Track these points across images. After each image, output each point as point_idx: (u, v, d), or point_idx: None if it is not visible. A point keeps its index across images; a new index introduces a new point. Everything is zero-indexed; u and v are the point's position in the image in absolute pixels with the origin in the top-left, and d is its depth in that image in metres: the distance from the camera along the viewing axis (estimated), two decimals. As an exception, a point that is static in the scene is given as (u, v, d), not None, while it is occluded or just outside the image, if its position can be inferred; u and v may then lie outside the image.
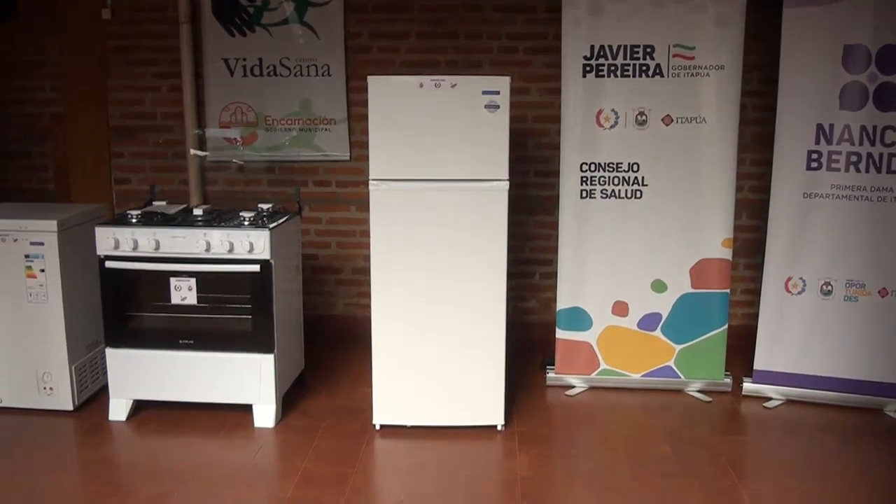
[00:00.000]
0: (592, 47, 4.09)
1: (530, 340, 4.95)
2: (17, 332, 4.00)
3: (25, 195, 5.26)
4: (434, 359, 3.76)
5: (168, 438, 3.83)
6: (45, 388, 4.04)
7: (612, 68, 4.10)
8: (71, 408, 4.05)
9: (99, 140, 5.23)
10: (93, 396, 4.19)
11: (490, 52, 4.85)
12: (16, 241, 3.92)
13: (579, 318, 4.32)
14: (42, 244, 3.90)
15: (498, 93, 3.54)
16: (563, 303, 4.31)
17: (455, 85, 3.54)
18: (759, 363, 4.21)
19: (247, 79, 4.99)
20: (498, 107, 3.54)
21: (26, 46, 5.22)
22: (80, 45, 5.15)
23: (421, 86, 3.55)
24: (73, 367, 4.03)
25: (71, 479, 3.50)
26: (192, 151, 4.88)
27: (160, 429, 3.91)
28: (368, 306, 3.75)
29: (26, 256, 3.92)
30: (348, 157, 5.03)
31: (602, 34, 4.08)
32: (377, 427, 3.84)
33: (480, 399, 3.80)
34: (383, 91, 3.58)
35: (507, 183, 3.62)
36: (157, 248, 3.83)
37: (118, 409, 3.99)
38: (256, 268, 3.80)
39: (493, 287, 3.69)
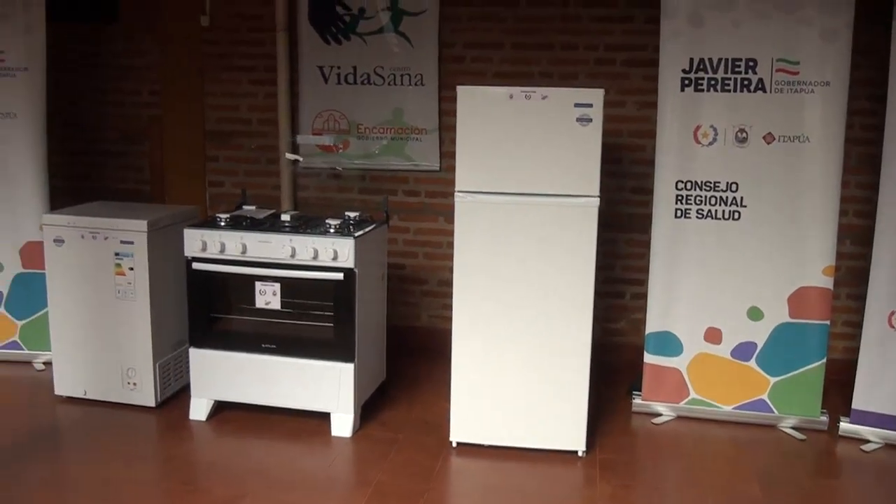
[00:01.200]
0: (692, 60, 3.95)
1: (617, 363, 4.81)
2: (104, 328, 4.13)
3: (121, 195, 5.43)
4: (515, 377, 3.69)
5: (245, 441, 3.87)
6: (129, 383, 4.15)
7: (712, 82, 3.95)
8: (153, 404, 4.15)
9: (194, 143, 5.37)
10: (175, 394, 4.29)
11: (586, 63, 4.76)
12: (106, 238, 4.04)
13: (669, 343, 4.17)
14: (132, 243, 4.02)
15: (591, 105, 3.45)
16: (652, 326, 4.17)
17: (546, 97, 3.48)
18: (858, 402, 3.96)
19: (340, 86, 5.04)
20: (590, 120, 3.46)
21: (126, 50, 5.41)
22: (179, 51, 5.30)
23: (511, 97, 3.49)
24: (157, 365, 4.13)
25: (147, 475, 3.58)
26: (287, 155, 4.94)
27: (238, 430, 3.96)
28: (452, 319, 3.71)
29: (116, 254, 4.04)
30: (438, 168, 5.02)
31: (702, 46, 3.94)
32: (454, 444, 3.79)
33: (562, 422, 3.70)
34: (472, 101, 3.54)
35: (598, 199, 3.52)
36: (244, 251, 3.89)
37: (199, 409, 4.06)
38: (340, 276, 3.81)
39: (579, 306, 3.60)
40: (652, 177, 4.12)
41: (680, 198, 4.04)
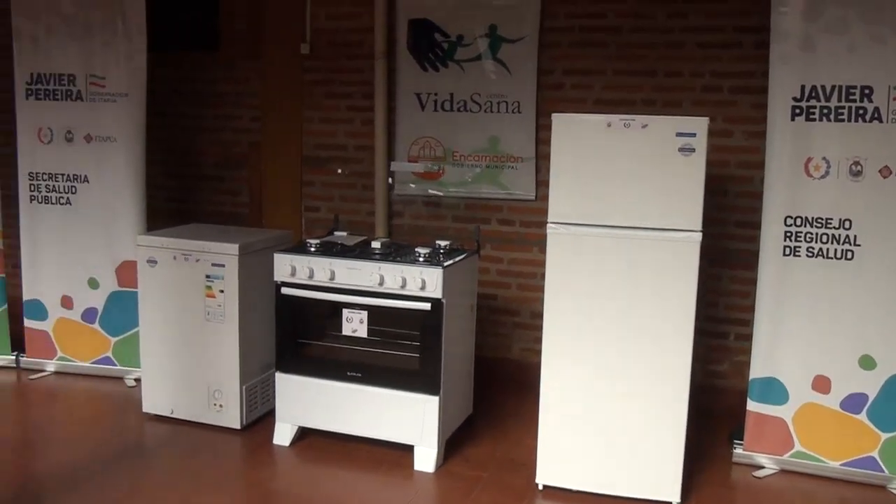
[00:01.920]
0: (803, 87, 3.70)
1: (718, 408, 4.52)
2: (193, 348, 4.17)
3: (221, 218, 5.53)
4: (607, 419, 3.50)
5: (327, 469, 3.83)
6: (215, 404, 4.17)
7: (825, 111, 3.69)
8: (238, 426, 4.15)
9: (292, 168, 5.42)
10: (260, 418, 4.28)
11: (692, 90, 4.56)
12: (198, 261, 4.09)
13: (774, 390, 3.89)
14: (223, 266, 4.05)
15: (694, 135, 3.27)
16: (757, 371, 3.90)
17: (646, 125, 3.32)
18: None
19: (437, 113, 5.00)
20: (693, 150, 3.27)
21: (227, 78, 5.55)
22: (279, 78, 5.38)
23: (609, 125, 3.35)
24: (243, 388, 4.14)
25: (226, 497, 3.56)
26: (390, 179, 4.91)
27: (320, 458, 3.92)
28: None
29: (207, 276, 4.08)
30: (534, 197, 4.90)
31: (814, 72, 3.69)
32: (540, 487, 3.63)
33: (656, 469, 3.49)
34: (568, 129, 3.42)
35: (700, 234, 3.33)
36: (332, 278, 3.86)
37: (283, 434, 4.04)
38: (427, 306, 3.73)
39: (677, 345, 3.40)
40: (759, 211, 3.88)
41: (789, 234, 3.78)
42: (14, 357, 5.06)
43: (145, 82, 4.79)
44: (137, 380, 4.63)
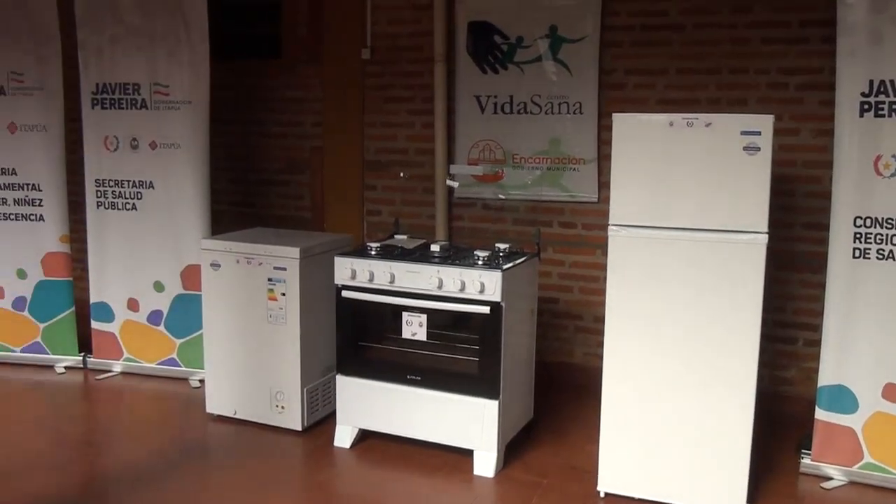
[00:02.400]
0: (871, 82, 3.56)
1: (785, 415, 4.41)
2: (255, 350, 4.23)
3: (283, 222, 5.62)
4: (670, 426, 3.44)
5: (387, 472, 3.84)
6: (277, 405, 4.22)
7: (894, 106, 3.54)
8: (300, 428, 4.20)
9: (353, 172, 5.46)
10: (321, 420, 4.32)
11: (757, 88, 4.45)
12: (261, 264, 4.15)
13: (844, 399, 3.75)
14: (285, 269, 4.10)
15: (759, 133, 3.18)
16: (825, 378, 3.77)
17: (710, 124, 3.24)
18: None
19: (497, 116, 4.99)
20: (758, 149, 3.19)
21: (289, 84, 5.63)
22: (340, 83, 5.43)
23: (671, 124, 3.29)
24: (304, 390, 4.19)
25: (288, 499, 3.61)
26: (448, 182, 4.91)
27: (380, 461, 3.93)
28: (603, 359, 3.53)
29: (269, 280, 4.14)
30: (596, 199, 4.84)
31: (882, 66, 3.54)
32: (602, 494, 3.58)
33: (720, 478, 3.40)
34: (629, 129, 3.37)
35: (766, 236, 3.24)
36: (392, 281, 3.87)
37: (343, 436, 4.07)
38: (486, 309, 3.72)
39: (743, 351, 3.31)
40: (828, 212, 3.76)
41: (858, 236, 3.65)
42: (81, 358, 5.22)
43: (208, 90, 4.89)
44: (201, 381, 4.72)
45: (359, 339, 4.04)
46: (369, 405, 4.00)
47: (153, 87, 4.92)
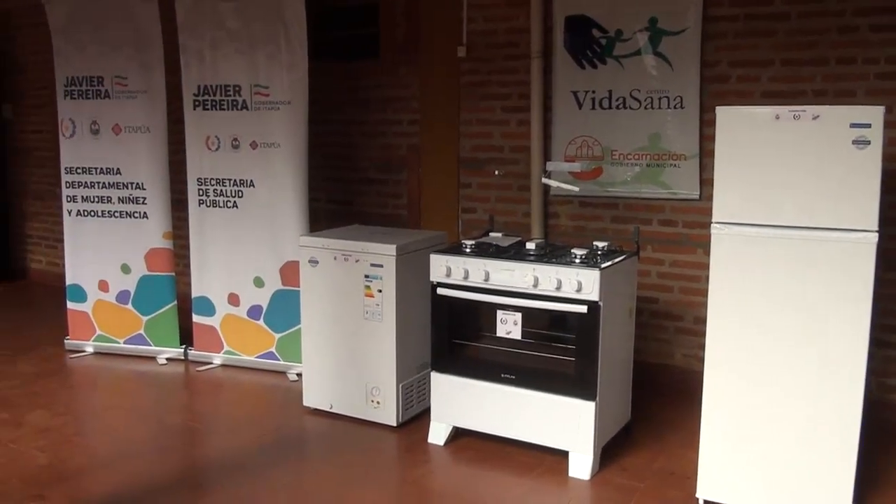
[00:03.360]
0: None
1: (893, 425, 4.22)
2: (352, 346, 4.30)
3: (381, 220, 5.69)
4: (773, 433, 3.31)
5: (481, 470, 3.84)
6: (373, 401, 4.28)
7: None
8: (394, 424, 4.25)
9: (449, 171, 5.49)
10: (416, 416, 4.36)
11: (866, 78, 4.25)
12: (357, 261, 4.21)
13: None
14: (381, 266, 4.15)
15: (869, 126, 3.03)
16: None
17: (817, 116, 3.11)
18: None
19: (595, 112, 4.92)
20: (868, 142, 3.04)
21: (387, 84, 5.69)
22: (437, 82, 5.47)
23: (777, 117, 3.17)
24: (400, 386, 4.23)
25: (382, 493, 3.64)
26: (543, 179, 4.88)
27: (474, 459, 3.93)
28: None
29: (366, 276, 4.20)
30: (697, 196, 4.73)
31: None
32: (700, 502, 3.47)
33: (825, 488, 3.25)
34: (733, 123, 3.26)
35: (876, 234, 3.08)
36: (487, 279, 3.87)
37: (438, 433, 4.09)
38: (583, 308, 3.67)
39: (851, 356, 3.16)
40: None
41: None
42: (183, 350, 5.43)
43: (307, 90, 4.99)
44: (299, 375, 4.82)
45: (453, 336, 4.05)
46: (463, 403, 4.00)
47: (253, 89, 5.06)
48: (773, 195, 3.21)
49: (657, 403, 4.61)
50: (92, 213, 5.47)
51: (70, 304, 5.61)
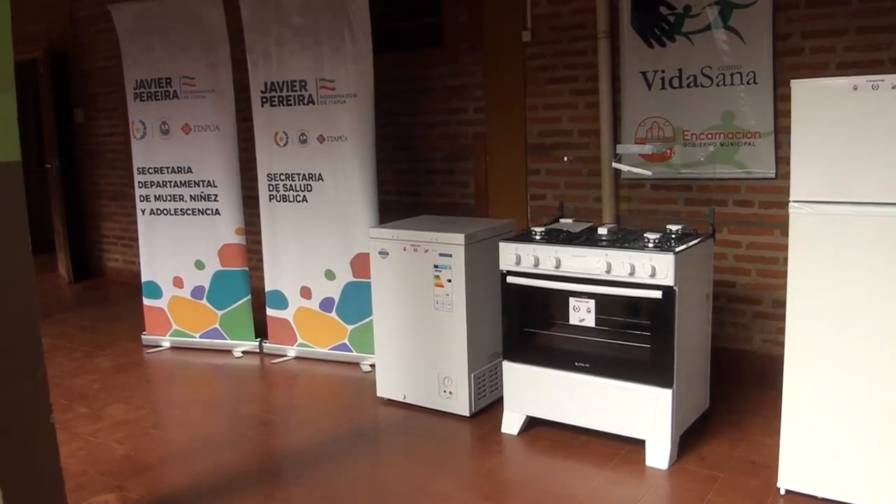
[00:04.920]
0: None
1: None
2: (424, 336, 4.31)
3: (449, 209, 5.69)
4: (859, 420, 3.19)
5: (555, 460, 3.81)
6: (445, 391, 4.29)
7: None
8: (467, 414, 4.25)
9: (517, 157, 5.45)
10: (489, 406, 4.36)
11: (947, 44, 4.08)
12: (426, 251, 4.22)
13: None
14: (450, 255, 4.15)
15: (956, 93, 2.90)
16: None
17: (900, 86, 2.99)
18: None
19: (665, 91, 4.82)
20: (958, 112, 2.91)
21: (451, 72, 5.68)
22: (502, 68, 5.42)
23: (855, 88, 3.04)
24: (472, 376, 4.23)
25: (452, 483, 3.64)
26: (614, 164, 4.81)
27: (548, 449, 3.91)
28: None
29: (435, 266, 4.20)
30: (774, 175, 4.60)
31: None
32: (782, 491, 3.38)
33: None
34: (809, 96, 3.14)
35: (971, 208, 2.95)
36: (558, 266, 3.83)
37: (511, 423, 4.08)
38: (658, 294, 3.60)
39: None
40: None
41: None
42: (258, 343, 5.53)
43: (372, 83, 5.01)
44: (372, 366, 4.87)
45: (525, 325, 4.03)
46: (536, 392, 3.98)
47: (319, 83, 5.10)
48: (854, 170, 3.09)
49: (736, 390, 4.51)
50: (165, 212, 5.61)
51: (146, 301, 5.77)
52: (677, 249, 3.62)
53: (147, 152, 5.63)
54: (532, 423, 4.09)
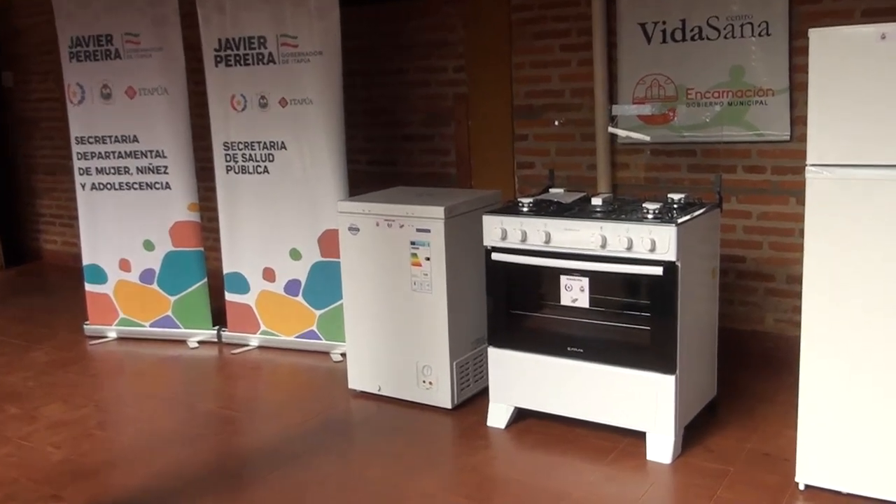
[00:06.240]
0: None
1: None
2: (400, 321, 4.30)
3: (427, 180, 5.67)
4: (884, 407, 3.19)
5: (547, 456, 3.82)
6: (424, 381, 4.29)
7: None
8: (449, 406, 4.26)
9: (502, 121, 5.43)
10: (473, 397, 4.37)
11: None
12: (402, 226, 4.19)
13: None
14: (428, 231, 4.13)
15: None
16: None
17: (930, 34, 2.97)
18: None
19: (666, 45, 4.82)
20: None
21: (429, 26, 5.64)
22: (485, 21, 5.39)
23: (883, 37, 3.01)
24: (454, 364, 4.23)
25: (433, 483, 3.64)
26: (610, 129, 4.79)
27: (539, 443, 3.92)
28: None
29: (412, 243, 4.17)
30: (788, 137, 4.60)
31: None
32: (801, 487, 3.40)
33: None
34: (830, 47, 3.11)
35: None
36: (548, 241, 3.81)
37: (497, 415, 4.08)
38: (658, 270, 3.59)
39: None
40: None
41: None
42: (216, 331, 5.50)
43: (339, 39, 4.95)
44: (343, 355, 4.86)
45: (512, 307, 4.02)
46: (526, 381, 3.98)
47: (280, 40, 5.04)
48: (880, 131, 3.06)
49: (747, 375, 4.54)
50: (108, 186, 5.54)
51: (89, 287, 5.72)
52: (680, 221, 3.61)
53: (87, 120, 5.55)
54: (521, 416, 4.09)
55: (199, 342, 5.51)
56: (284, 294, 5.24)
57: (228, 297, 5.40)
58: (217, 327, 5.51)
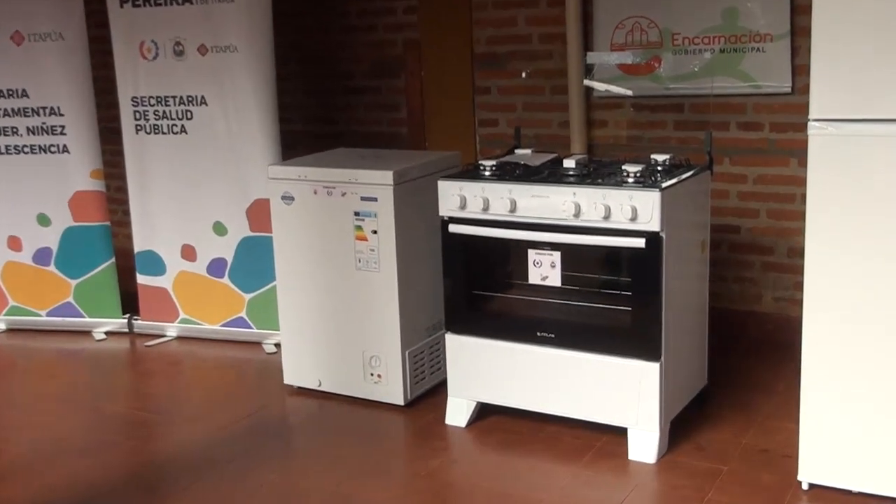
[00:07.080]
0: None
1: None
2: (343, 305, 4.33)
3: (374, 140, 5.68)
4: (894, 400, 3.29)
5: (514, 458, 3.88)
6: (372, 374, 4.33)
7: None
8: (402, 402, 4.29)
9: (461, 72, 5.47)
10: (429, 392, 4.42)
11: None
12: (344, 195, 4.20)
13: None
14: (375, 199, 4.14)
15: None
16: None
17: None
18: None
19: (650, -18, 4.89)
20: None
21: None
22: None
23: (895, -27, 3.09)
24: (406, 353, 4.26)
25: (384, 491, 3.67)
26: (586, 81, 4.82)
27: (505, 444, 3.97)
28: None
29: (356, 214, 4.19)
30: (789, 89, 4.69)
31: None
32: (804, 486, 3.48)
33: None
34: (835, -16, 3.19)
35: None
36: (513, 209, 3.84)
37: (457, 412, 4.13)
38: (640, 242, 3.64)
39: None
40: None
41: None
42: (126, 320, 5.49)
43: (270, -25, 4.95)
44: (277, 345, 4.88)
45: (473, 287, 4.06)
46: (489, 372, 4.02)
47: (199, -26, 5.02)
48: (892, 80, 3.12)
49: (742, 362, 4.65)
50: (-8, 150, 5.50)
51: (-31, 270, 5.68)
52: (664, 185, 3.65)
53: (-35, 72, 5.49)
54: (484, 412, 4.13)
55: (107, 333, 5.49)
56: (207, 275, 5.25)
57: (140, 279, 5.39)
58: (128, 315, 5.50)
